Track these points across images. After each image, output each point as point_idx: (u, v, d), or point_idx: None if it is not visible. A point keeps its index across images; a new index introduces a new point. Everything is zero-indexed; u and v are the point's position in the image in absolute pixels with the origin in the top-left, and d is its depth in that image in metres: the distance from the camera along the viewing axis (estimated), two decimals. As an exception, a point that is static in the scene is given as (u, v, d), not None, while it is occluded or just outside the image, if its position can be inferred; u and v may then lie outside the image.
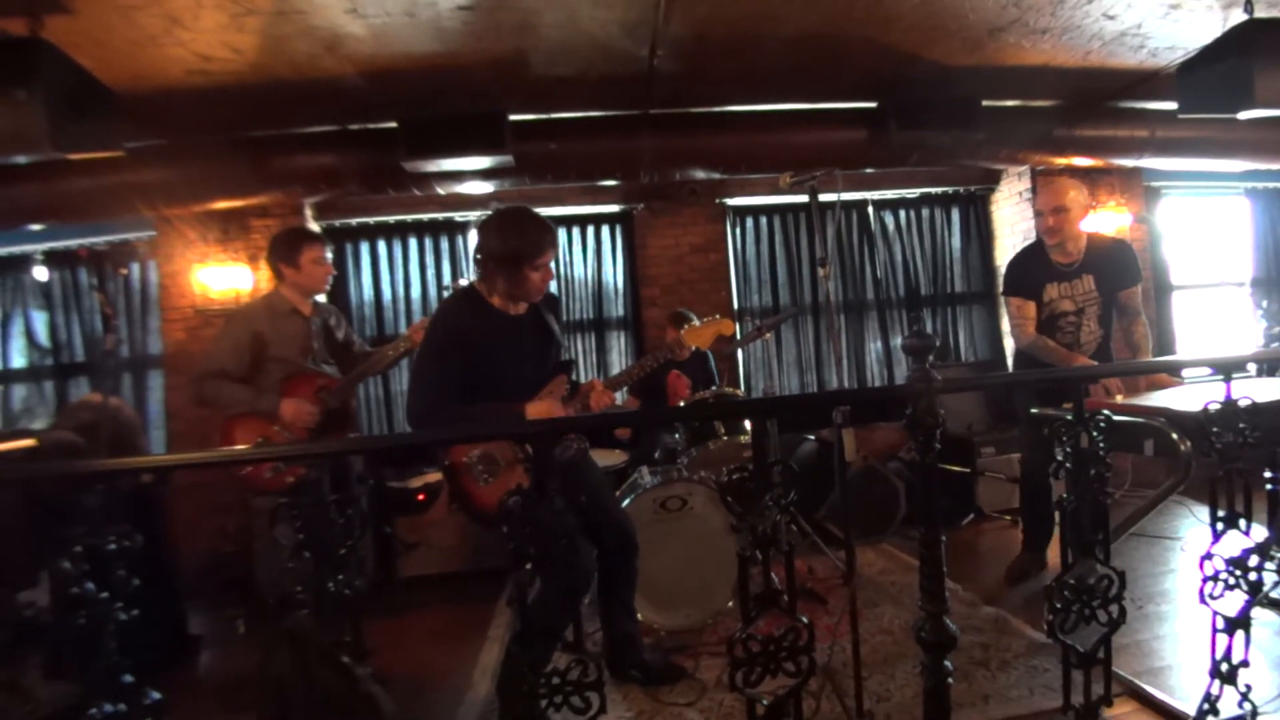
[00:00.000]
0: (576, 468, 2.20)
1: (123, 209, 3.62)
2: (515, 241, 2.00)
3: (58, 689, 2.13)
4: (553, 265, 2.09)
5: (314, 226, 4.28)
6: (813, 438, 4.02)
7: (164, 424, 4.20)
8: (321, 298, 2.86)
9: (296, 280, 2.67)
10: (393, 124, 3.47)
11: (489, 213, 2.09)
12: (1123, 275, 2.83)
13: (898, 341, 4.91)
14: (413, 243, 4.52)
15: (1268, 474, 2.53)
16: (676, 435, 3.24)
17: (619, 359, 4.70)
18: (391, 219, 4.47)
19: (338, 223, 4.44)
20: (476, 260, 2.07)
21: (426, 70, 3.07)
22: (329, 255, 2.74)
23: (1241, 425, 1.52)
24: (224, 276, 4.06)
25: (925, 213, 4.99)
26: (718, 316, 2.24)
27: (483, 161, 3.53)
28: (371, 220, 4.46)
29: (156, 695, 1.14)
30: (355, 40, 2.79)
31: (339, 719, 1.34)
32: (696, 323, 3.50)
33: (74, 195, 3.44)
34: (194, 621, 3.12)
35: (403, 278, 4.51)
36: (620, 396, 2.19)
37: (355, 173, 3.69)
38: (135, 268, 4.27)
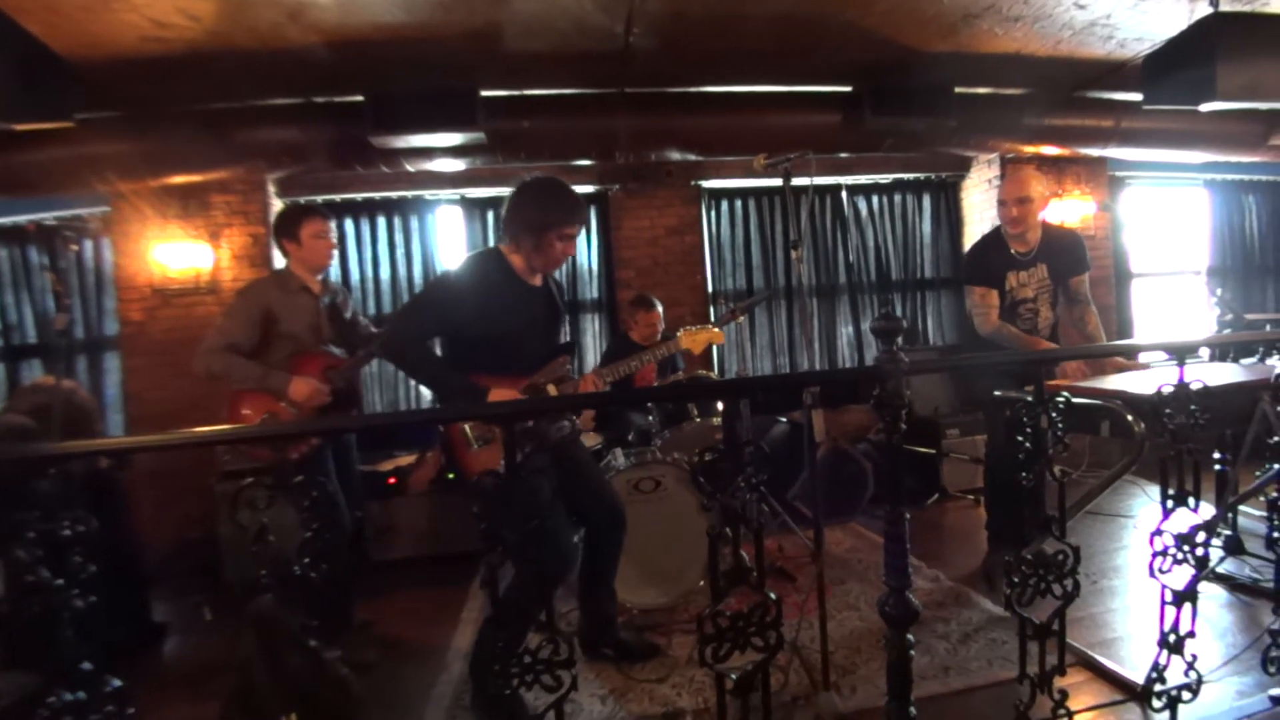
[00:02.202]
0: (565, 446, 2.21)
1: (75, 183, 3.46)
2: (549, 208, 2.07)
3: (15, 678, 2.07)
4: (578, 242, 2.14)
5: (276, 203, 4.16)
6: (785, 420, 4.08)
7: (122, 407, 4.07)
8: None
9: (300, 256, 2.62)
10: (359, 97, 3.36)
11: (525, 181, 2.14)
12: (1074, 264, 2.93)
13: (869, 325, 4.97)
14: (381, 222, 4.41)
15: (1216, 455, 2.64)
16: (650, 417, 3.26)
17: (593, 341, 4.68)
18: (359, 197, 4.35)
19: (303, 200, 4.30)
20: (504, 223, 2.13)
21: (395, 42, 2.98)
22: (332, 229, 2.67)
23: (1193, 407, 1.58)
24: (183, 254, 3.92)
25: (897, 198, 5.04)
26: (710, 326, 2.40)
27: (454, 138, 3.45)
28: (338, 198, 4.33)
29: (118, 682, 1.11)
30: (319, 8, 2.69)
31: (308, 703, 1.33)
32: (659, 308, 3.57)
33: (22, 168, 3.27)
34: (159, 608, 3.06)
35: (370, 257, 4.41)
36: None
37: (321, 147, 3.57)
38: (89, 245, 4.10)
